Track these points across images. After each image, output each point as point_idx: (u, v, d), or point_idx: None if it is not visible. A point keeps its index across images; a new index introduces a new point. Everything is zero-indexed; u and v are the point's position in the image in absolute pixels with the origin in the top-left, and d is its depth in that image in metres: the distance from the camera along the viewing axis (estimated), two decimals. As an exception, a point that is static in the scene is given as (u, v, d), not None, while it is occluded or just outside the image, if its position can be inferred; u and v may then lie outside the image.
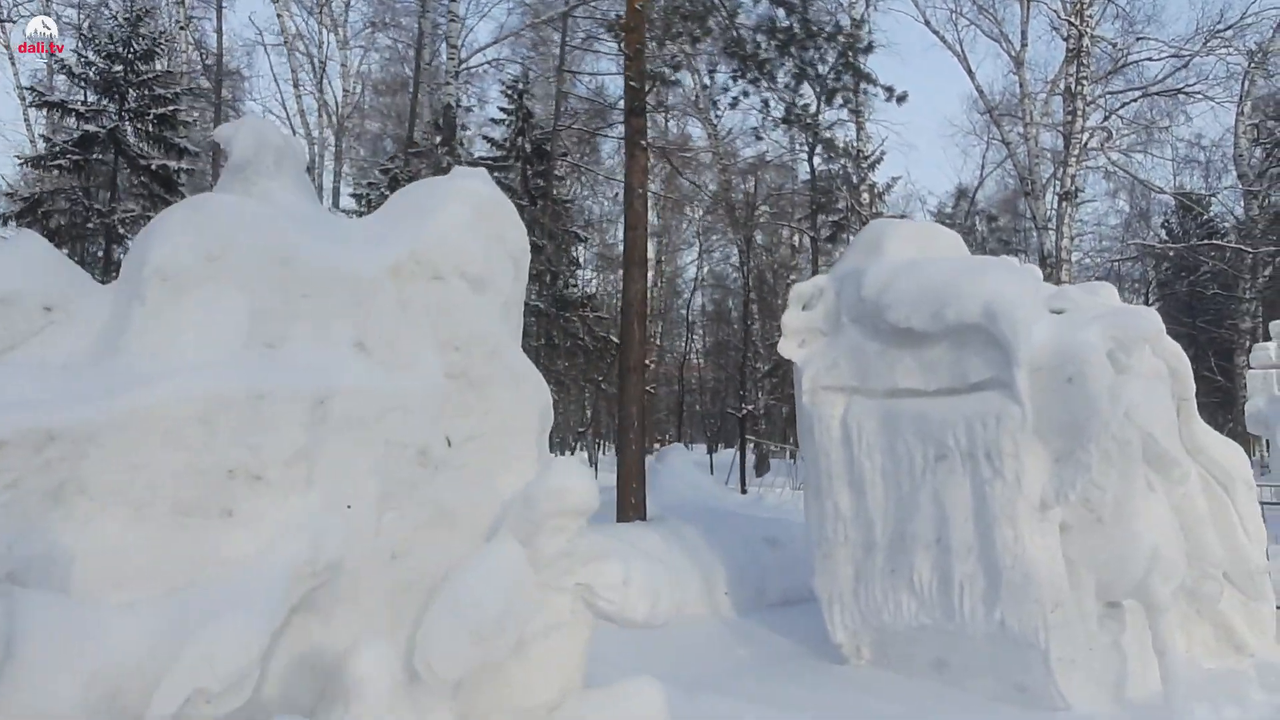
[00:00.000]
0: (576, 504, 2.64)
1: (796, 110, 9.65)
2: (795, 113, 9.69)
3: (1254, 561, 5.79)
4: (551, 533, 2.62)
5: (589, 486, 2.67)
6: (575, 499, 2.63)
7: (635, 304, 8.42)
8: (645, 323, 9.03)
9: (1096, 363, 4.88)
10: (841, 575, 5.85)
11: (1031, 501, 4.94)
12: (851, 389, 5.97)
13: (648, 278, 9.47)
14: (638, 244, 8.62)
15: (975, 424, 5.16)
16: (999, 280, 5.38)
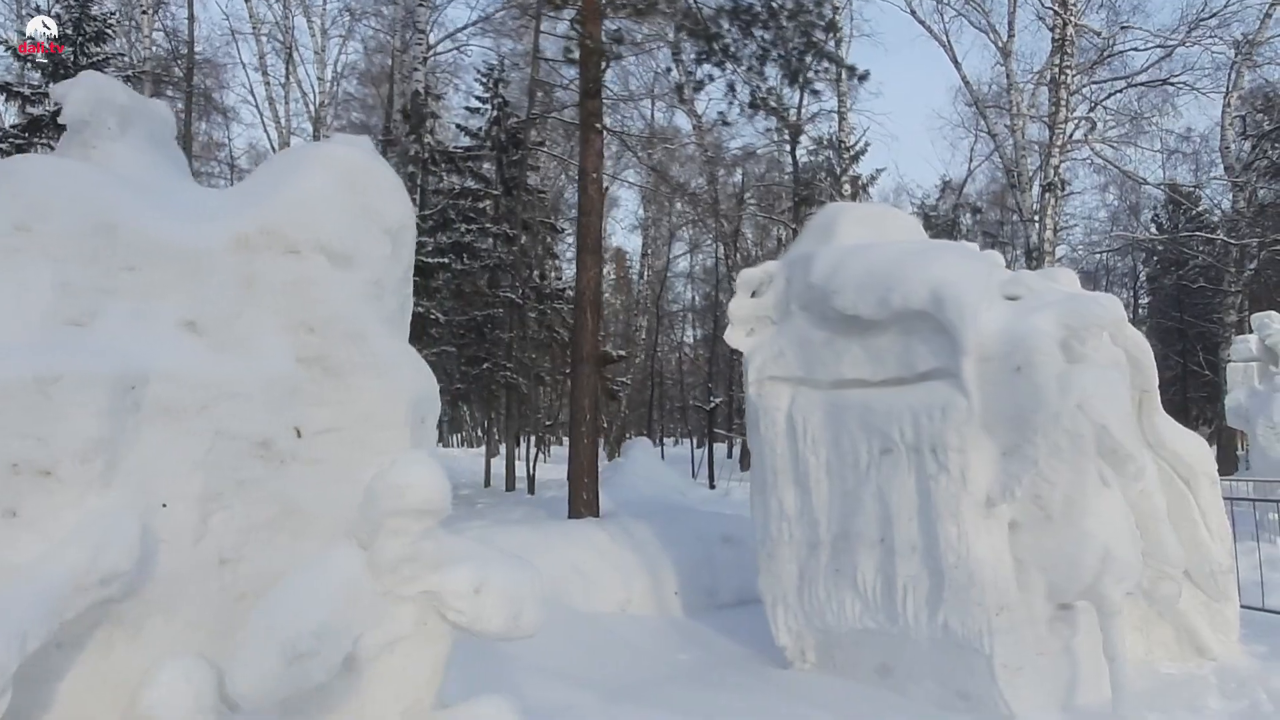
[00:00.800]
0: (419, 502, 2.35)
1: (762, 94, 9.35)
2: (760, 97, 9.38)
3: (1216, 560, 5.53)
4: (391, 535, 2.33)
5: (435, 483, 2.38)
6: (418, 496, 2.34)
7: (588, 293, 8.13)
8: (599, 312, 8.75)
9: (1045, 351, 4.61)
10: (785, 575, 5.58)
11: (977, 498, 4.66)
12: (798, 380, 5.70)
13: (602, 266, 9.20)
14: (591, 231, 8.31)
15: (921, 416, 4.88)
16: (948, 264, 5.10)
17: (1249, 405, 13.25)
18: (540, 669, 4.77)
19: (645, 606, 6.77)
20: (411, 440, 3.08)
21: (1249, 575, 7.54)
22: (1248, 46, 21.78)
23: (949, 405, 4.76)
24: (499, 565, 2.46)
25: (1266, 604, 6.73)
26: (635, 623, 6.34)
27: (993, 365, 4.77)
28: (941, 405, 4.80)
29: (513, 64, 18.90)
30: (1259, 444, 12.82)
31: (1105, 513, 4.71)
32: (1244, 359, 13.86)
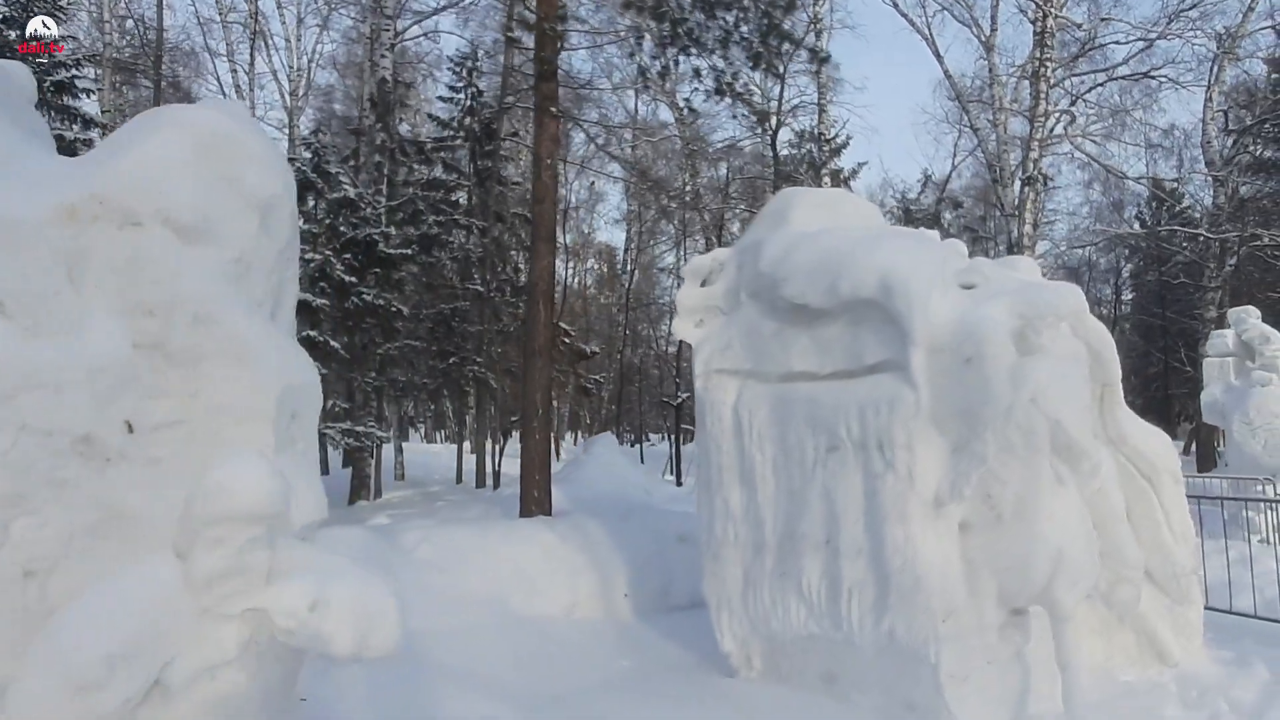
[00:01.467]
0: (243, 507, 2.05)
1: (728, 79, 9.06)
2: (726, 82, 9.09)
3: (1179, 562, 5.30)
4: (210, 545, 2.04)
5: (262, 485, 2.08)
6: (240, 502, 2.05)
7: (541, 283, 7.82)
8: (552, 303, 8.44)
9: (996, 341, 4.35)
10: (730, 578, 5.31)
11: (925, 498, 4.40)
12: (746, 373, 5.43)
13: (555, 255, 8.91)
14: (545, 219, 8.01)
15: (867, 411, 4.62)
16: (899, 250, 4.84)
17: (1225, 401, 13.08)
18: (466, 677, 4.50)
19: (592, 609, 6.49)
20: (277, 437, 2.78)
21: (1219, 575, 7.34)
22: (1229, 40, 21.65)
23: (896, 399, 4.50)
24: (344, 579, 2.18)
25: (1239, 606, 6.52)
26: (579, 627, 6.07)
27: (943, 357, 4.51)
28: (889, 399, 4.53)
29: (487, 52, 18.55)
30: (1235, 440, 12.66)
31: (1059, 513, 4.46)
32: (1220, 354, 13.69)
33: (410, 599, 5.95)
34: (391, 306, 12.20)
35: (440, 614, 5.87)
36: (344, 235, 11.78)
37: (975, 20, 24.96)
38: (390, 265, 12.66)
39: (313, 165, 11.89)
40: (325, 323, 11.17)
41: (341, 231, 11.76)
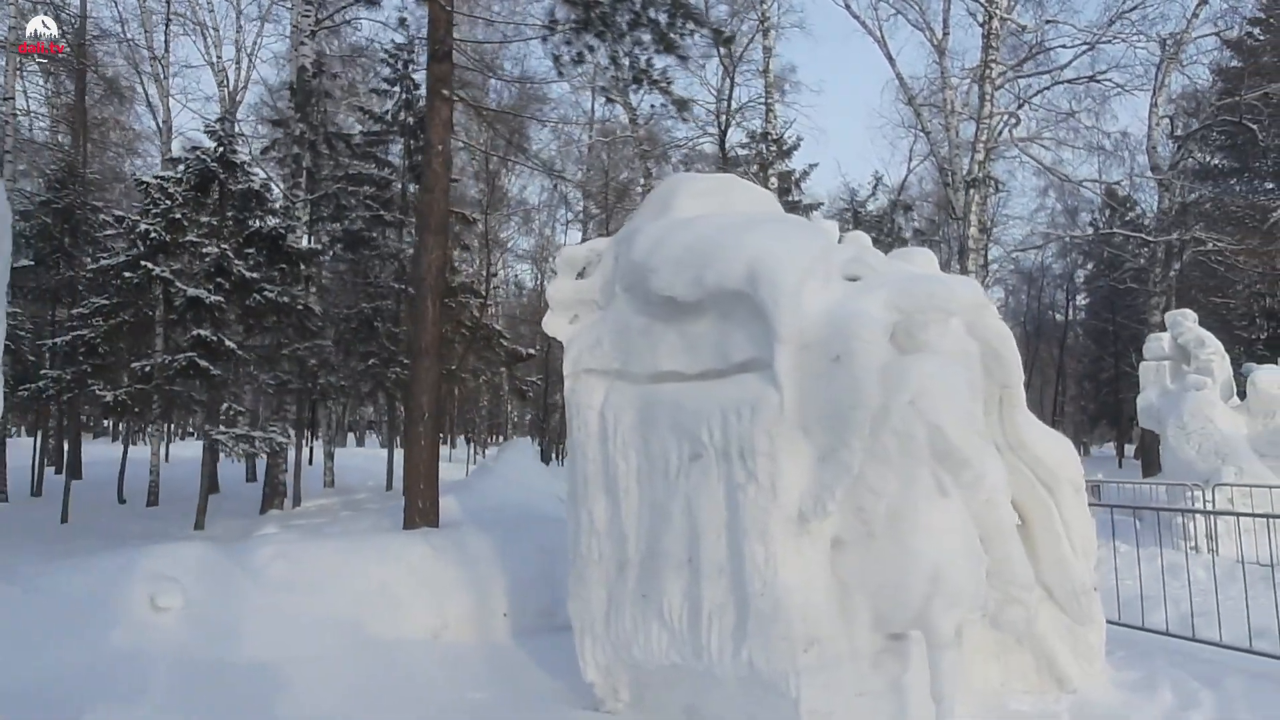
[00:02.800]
0: None
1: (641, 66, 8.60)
2: (640, 70, 8.64)
3: (1079, 578, 4.91)
4: None
5: None
6: None
7: (430, 278, 7.29)
8: (441, 299, 7.91)
9: (867, 338, 3.91)
10: (594, 600, 4.82)
11: (788, 512, 3.95)
12: (614, 373, 4.95)
13: (447, 247, 8.36)
14: (435, 209, 7.48)
15: (730, 415, 4.16)
16: (771, 237, 4.39)
17: (1160, 405, 12.90)
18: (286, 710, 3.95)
19: (464, 631, 5.97)
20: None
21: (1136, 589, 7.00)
22: (1174, 45, 21.73)
23: (760, 402, 4.05)
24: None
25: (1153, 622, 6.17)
26: (444, 652, 5.54)
27: (813, 354, 4.07)
28: (752, 402, 4.08)
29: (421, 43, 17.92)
30: (1170, 445, 12.45)
31: (938, 527, 4.02)
32: (1156, 358, 13.52)
33: (254, 624, 5.39)
34: (298, 304, 11.53)
35: (287, 641, 5.32)
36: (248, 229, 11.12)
37: (928, 24, 24.90)
38: (299, 261, 12.01)
39: (217, 155, 11.21)
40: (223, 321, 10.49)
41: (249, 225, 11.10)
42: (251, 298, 10.69)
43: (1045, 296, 40.82)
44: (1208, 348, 12.71)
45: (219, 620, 5.27)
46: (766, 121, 20.70)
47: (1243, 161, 26.32)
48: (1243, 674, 5.19)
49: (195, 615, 5.22)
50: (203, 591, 5.38)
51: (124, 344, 10.36)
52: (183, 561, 5.42)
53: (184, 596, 5.25)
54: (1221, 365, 12.75)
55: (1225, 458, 11.78)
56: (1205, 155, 26.50)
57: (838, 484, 3.86)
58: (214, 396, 10.55)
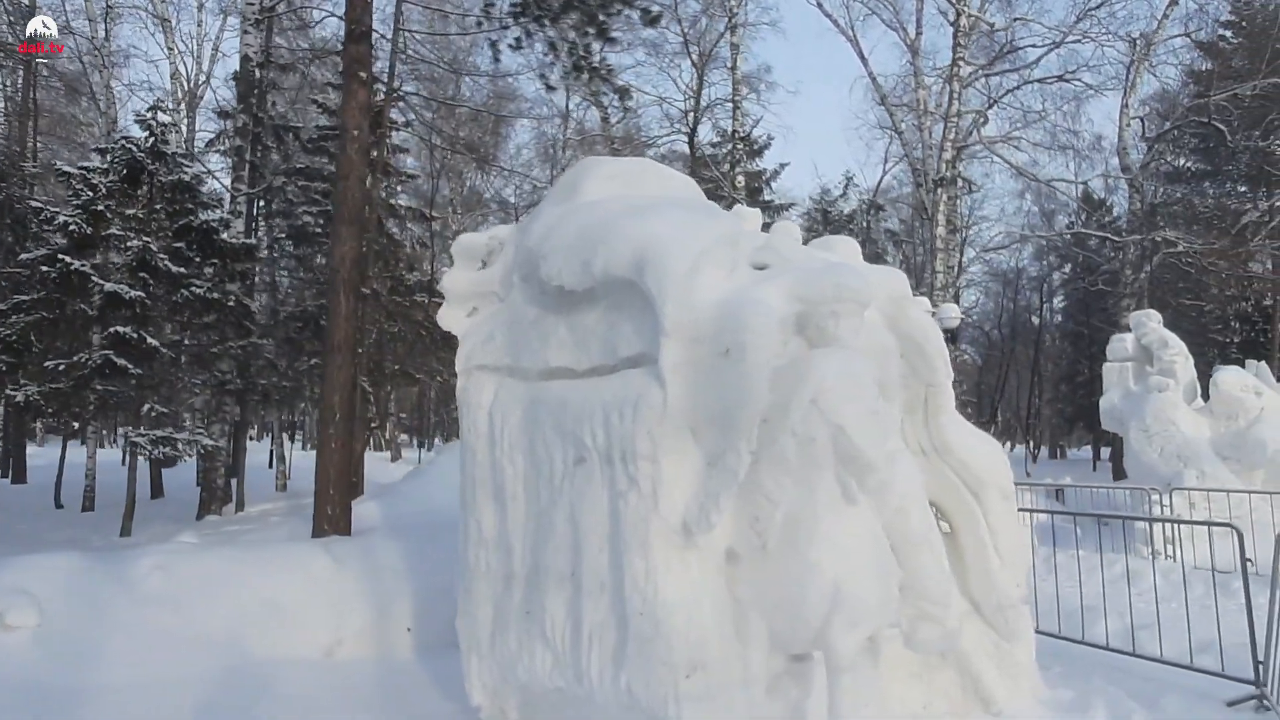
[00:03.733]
0: None
1: (580, 53, 8.24)
2: (579, 56, 8.27)
3: (1005, 591, 4.57)
4: None
5: None
6: None
7: (344, 270, 6.89)
8: (357, 293, 7.49)
9: (759, 330, 3.55)
10: (481, 617, 4.44)
11: (671, 523, 3.58)
12: (505, 369, 4.57)
13: (362, 239, 7.96)
14: (349, 198, 7.07)
15: (613, 415, 3.78)
16: (666, 221, 4.03)
17: (1123, 407, 12.65)
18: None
19: (362, 648, 5.56)
20: None
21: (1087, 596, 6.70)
22: (1144, 46, 21.61)
23: (642, 400, 3.67)
24: None
25: (1093, 635, 5.85)
26: (333, 672, 5.14)
27: (704, 348, 3.70)
28: (634, 400, 3.70)
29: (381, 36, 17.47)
30: (1132, 448, 12.21)
31: (840, 539, 3.66)
32: (1120, 359, 13.28)
33: (119, 644, 4.97)
34: (229, 300, 11.04)
35: (155, 662, 4.90)
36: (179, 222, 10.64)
37: (901, 23, 24.66)
38: (234, 257, 11.52)
39: (148, 146, 10.72)
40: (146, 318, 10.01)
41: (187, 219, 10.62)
42: (179, 294, 10.22)
43: (1021, 299, 40.77)
44: (1171, 349, 12.47)
45: (79, 640, 4.84)
46: (734, 119, 20.38)
47: (1215, 164, 26.29)
48: (1182, 692, 4.88)
49: (51, 634, 4.78)
50: (64, 608, 4.94)
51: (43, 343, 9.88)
52: (45, 575, 4.99)
53: (39, 613, 4.81)
54: (1185, 367, 12.53)
55: (1187, 461, 11.53)
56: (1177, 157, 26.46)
57: (723, 492, 3.50)
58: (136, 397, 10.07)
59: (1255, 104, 20.55)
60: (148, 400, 10.00)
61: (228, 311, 10.89)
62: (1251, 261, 23.13)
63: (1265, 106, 20.35)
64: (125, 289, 9.75)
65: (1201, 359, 22.12)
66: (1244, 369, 12.58)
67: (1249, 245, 21.04)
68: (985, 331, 46.25)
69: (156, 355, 9.92)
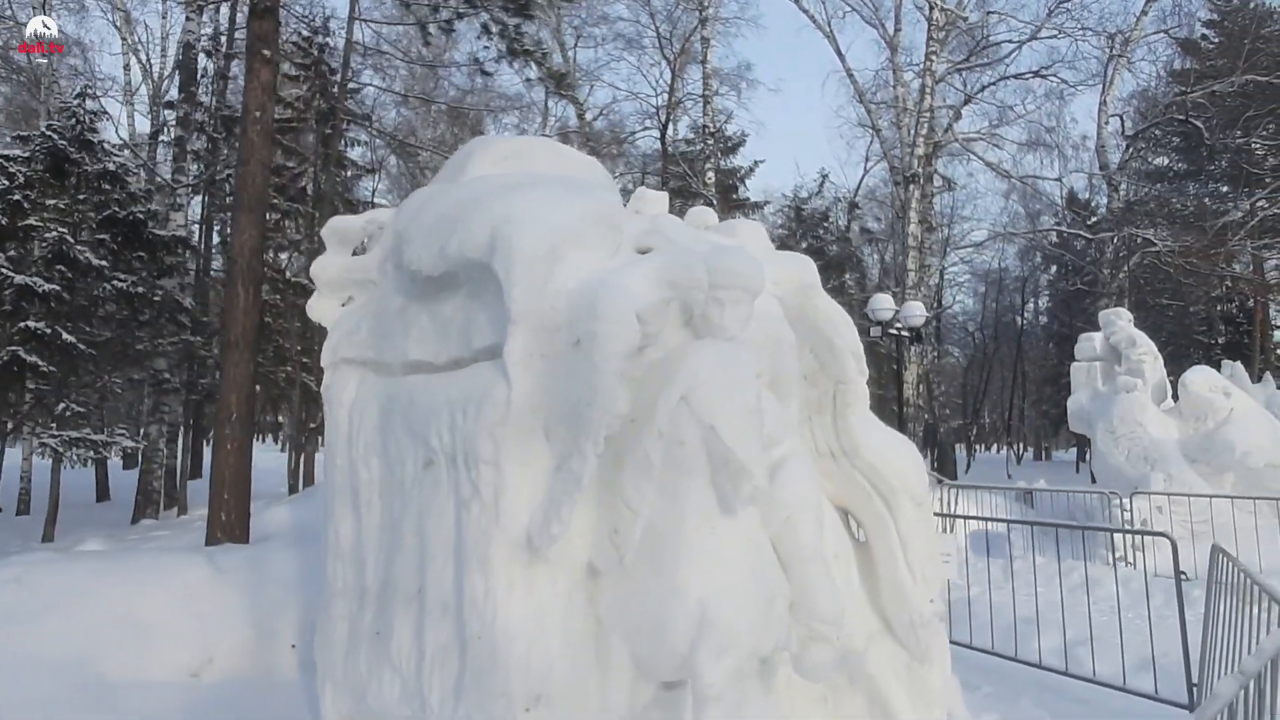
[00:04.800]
0: None
1: (513, 34, 7.82)
2: (513, 38, 7.86)
3: (916, 608, 4.17)
4: None
5: None
6: None
7: (243, 260, 6.45)
8: (259, 286, 7.04)
9: (613, 317, 3.14)
10: (336, 637, 4.01)
11: (513, 536, 3.17)
12: (369, 363, 4.16)
13: (264, 228, 7.51)
14: (251, 184, 6.63)
15: (458, 413, 3.38)
16: (529, 198, 3.62)
17: (1090, 409, 12.31)
18: None
19: (234, 666, 5.12)
20: None
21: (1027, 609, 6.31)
22: (1121, 43, 21.32)
23: (486, 397, 3.26)
24: None
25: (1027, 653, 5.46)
26: (193, 695, 4.70)
27: (560, 339, 3.30)
28: (479, 397, 3.29)
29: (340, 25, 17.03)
30: (1099, 450, 11.86)
31: (708, 555, 3.26)
32: (1088, 358, 12.95)
33: (-45, 662, 4.52)
34: (154, 294, 10.56)
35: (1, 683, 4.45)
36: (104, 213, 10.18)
37: (880, 20, 24.31)
38: (165, 250, 11.03)
39: (72, 134, 10.24)
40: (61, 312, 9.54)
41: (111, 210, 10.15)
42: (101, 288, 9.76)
43: (1004, 299, 40.50)
44: (1139, 348, 12.14)
45: (-97, 661, 4.39)
46: (705, 114, 19.98)
47: (1196, 163, 26.03)
48: (1115, 717, 4.49)
49: None
50: (-110, 625, 4.50)
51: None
52: None
53: None
54: (1153, 366, 12.19)
55: (1154, 464, 11.19)
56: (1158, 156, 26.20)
57: (565, 500, 3.09)
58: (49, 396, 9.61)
59: (1235, 102, 20.29)
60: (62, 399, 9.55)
61: (156, 307, 10.42)
62: (1234, 262, 22.88)
63: (1244, 105, 20.08)
64: (39, 282, 9.30)
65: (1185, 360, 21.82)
66: (1219, 370, 12.25)
67: (1229, 245, 20.76)
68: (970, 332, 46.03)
69: (73, 352, 9.47)
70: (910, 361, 17.11)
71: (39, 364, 8.96)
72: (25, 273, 9.22)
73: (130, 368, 10.66)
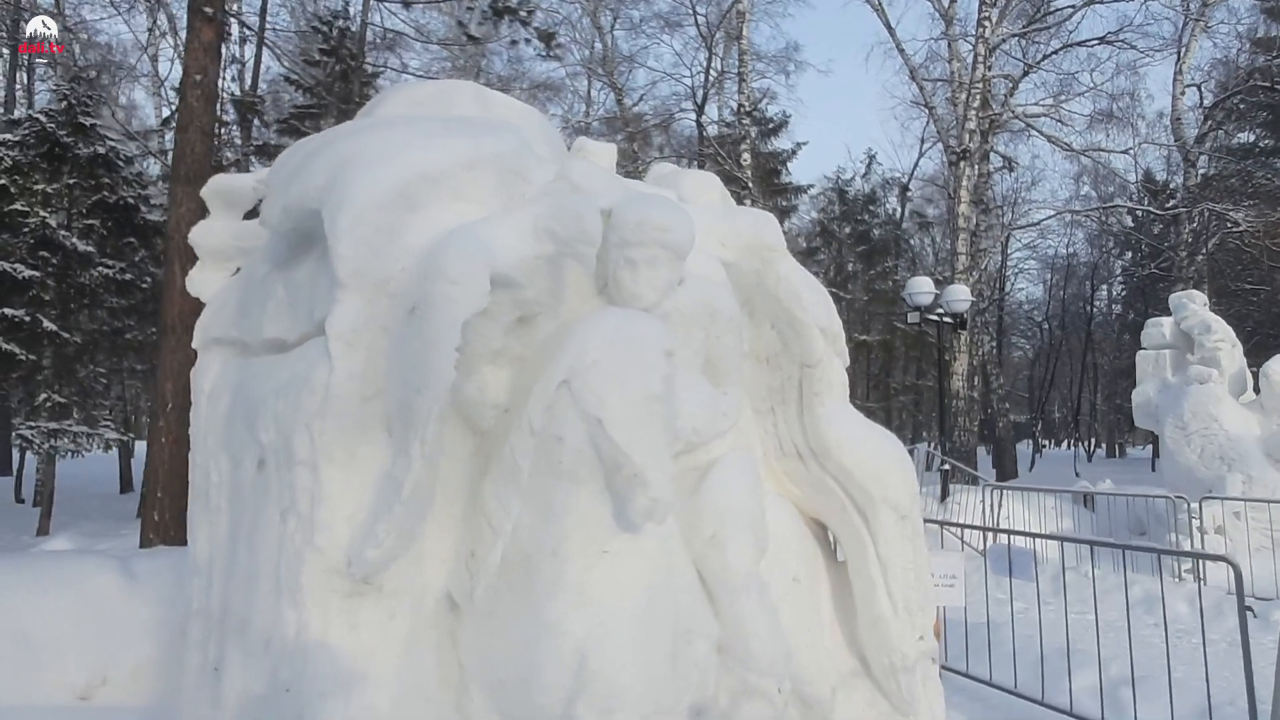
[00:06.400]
0: None
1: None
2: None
3: (898, 647, 3.33)
4: None
5: None
6: None
7: (179, 236, 5.93)
8: (198, 264, 6.49)
9: (454, 276, 2.42)
10: (190, 667, 3.38)
11: (330, 558, 2.46)
12: (235, 343, 3.50)
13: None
14: (190, 152, 6.09)
15: (280, 402, 2.69)
16: (383, 136, 2.91)
17: (1158, 401, 11.05)
18: None
19: (134, 686, 4.53)
20: None
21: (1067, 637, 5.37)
22: (1200, 6, 19.57)
23: (304, 381, 2.57)
24: None
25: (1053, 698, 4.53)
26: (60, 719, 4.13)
27: (401, 306, 2.58)
28: (299, 383, 2.60)
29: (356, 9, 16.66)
30: (1167, 448, 10.62)
31: (597, 583, 2.52)
32: (1156, 346, 11.66)
33: None
34: (142, 282, 10.20)
35: None
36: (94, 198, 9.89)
37: (936, -8, 22.92)
38: (156, 235, 10.67)
39: (65, 118, 9.98)
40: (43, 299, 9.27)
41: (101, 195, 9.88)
42: (86, 275, 9.46)
43: (1071, 288, 38.34)
44: (1214, 334, 10.83)
45: None
46: (740, 93, 19.01)
47: (1284, 137, 23.98)
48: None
49: None
50: None
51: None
52: None
53: None
54: (1231, 355, 10.87)
55: (1231, 464, 9.94)
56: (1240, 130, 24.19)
57: (383, 517, 2.37)
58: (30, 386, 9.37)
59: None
60: (45, 390, 9.28)
61: (147, 295, 10.06)
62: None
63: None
64: (20, 269, 9.03)
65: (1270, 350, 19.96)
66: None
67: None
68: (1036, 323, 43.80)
69: (56, 341, 9.18)
70: (960, 351, 15.92)
71: (15, 353, 8.70)
72: (8, 259, 8.98)
73: (120, 357, 10.41)
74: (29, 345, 8.92)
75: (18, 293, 9.09)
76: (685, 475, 3.03)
